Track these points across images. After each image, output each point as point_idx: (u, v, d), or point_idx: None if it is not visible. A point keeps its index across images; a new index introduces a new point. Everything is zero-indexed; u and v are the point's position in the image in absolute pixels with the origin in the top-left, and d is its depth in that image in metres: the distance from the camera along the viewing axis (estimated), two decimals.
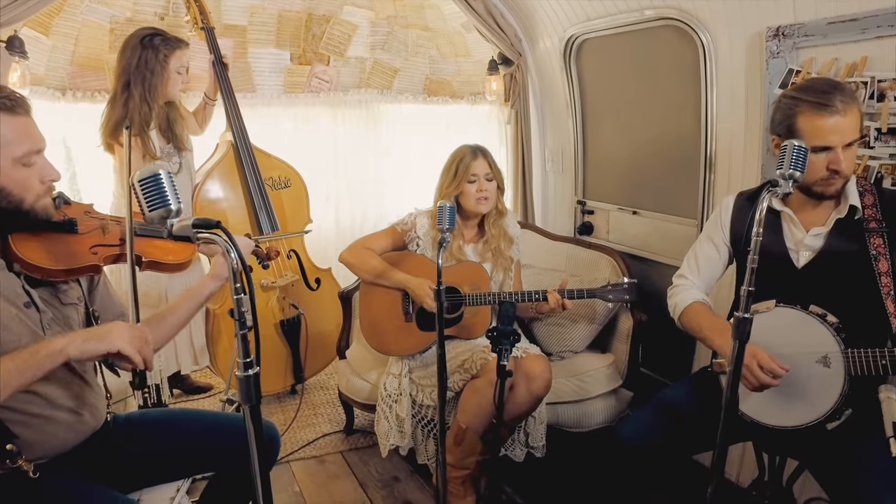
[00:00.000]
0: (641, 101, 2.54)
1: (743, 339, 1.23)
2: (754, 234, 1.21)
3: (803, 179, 1.27)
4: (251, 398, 1.00)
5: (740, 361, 1.25)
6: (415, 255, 2.19)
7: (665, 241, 2.47)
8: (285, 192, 2.87)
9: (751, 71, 1.94)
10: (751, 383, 1.42)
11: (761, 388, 1.42)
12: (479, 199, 2.11)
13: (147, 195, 0.96)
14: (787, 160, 1.25)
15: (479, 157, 2.12)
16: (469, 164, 2.11)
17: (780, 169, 1.27)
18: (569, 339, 2.33)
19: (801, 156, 1.25)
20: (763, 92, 1.90)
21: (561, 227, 3.11)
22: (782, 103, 1.50)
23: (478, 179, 2.11)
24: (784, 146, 1.26)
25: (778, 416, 1.45)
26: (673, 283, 1.73)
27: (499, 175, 2.16)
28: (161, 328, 1.46)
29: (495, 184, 2.15)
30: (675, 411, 1.56)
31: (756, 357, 1.41)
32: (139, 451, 1.40)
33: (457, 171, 2.12)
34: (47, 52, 2.56)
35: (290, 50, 3.22)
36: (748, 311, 1.22)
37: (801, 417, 1.42)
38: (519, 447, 2.14)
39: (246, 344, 0.98)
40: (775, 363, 1.41)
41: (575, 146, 2.91)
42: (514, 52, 2.97)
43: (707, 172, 2.20)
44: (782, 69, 1.81)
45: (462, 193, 2.13)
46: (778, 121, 1.50)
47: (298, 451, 2.46)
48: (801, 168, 1.25)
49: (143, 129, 2.21)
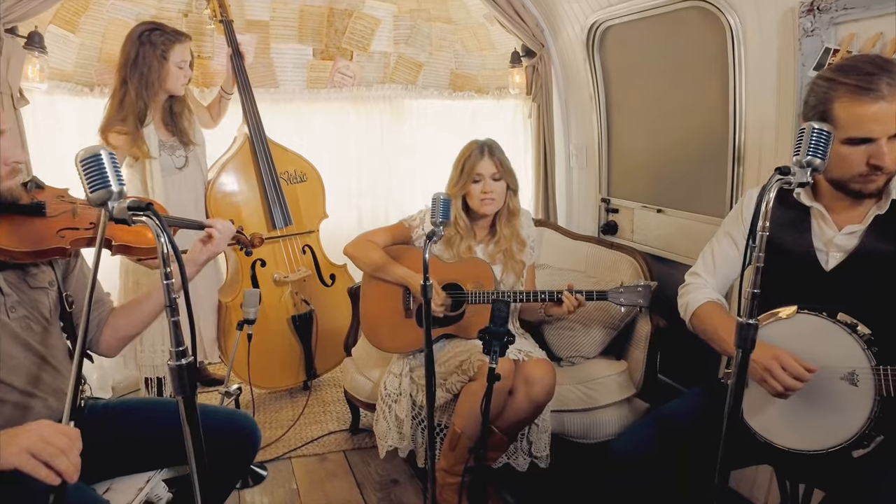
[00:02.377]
0: (666, 91, 2.37)
1: (746, 347, 1.08)
2: (759, 227, 1.05)
3: (824, 168, 1.10)
4: (185, 389, 0.94)
5: (743, 372, 1.10)
6: (418, 250, 2.12)
7: (689, 241, 2.28)
8: (300, 186, 2.85)
9: (783, 53, 1.76)
10: (772, 388, 1.25)
11: (785, 394, 1.25)
12: (484, 199, 2.01)
13: (88, 176, 0.92)
14: (804, 145, 1.08)
15: (484, 156, 2.01)
16: (475, 163, 2.00)
17: (796, 155, 1.11)
18: (580, 343, 2.19)
19: (822, 140, 1.08)
20: (796, 76, 1.71)
21: (585, 226, 2.96)
22: (816, 86, 1.31)
23: (483, 179, 2.01)
24: (802, 129, 1.10)
25: (793, 438, 1.27)
26: (685, 282, 1.57)
27: (508, 175, 2.04)
28: (136, 314, 1.45)
29: (503, 184, 2.03)
30: (677, 424, 1.41)
31: (778, 358, 1.25)
32: (111, 440, 1.38)
33: (463, 168, 2.03)
34: (75, 49, 2.65)
35: (313, 45, 3.21)
36: (753, 317, 1.07)
37: (821, 441, 1.25)
38: (522, 456, 2.02)
39: (178, 331, 0.92)
40: (800, 363, 1.24)
41: (599, 140, 2.75)
42: (537, 43, 2.84)
43: (735, 166, 2.01)
44: (817, 48, 1.62)
45: (468, 193, 2.04)
46: (811, 105, 1.31)
47: (301, 447, 2.42)
48: (822, 154, 1.08)
49: (137, 126, 2.22)
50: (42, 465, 0.92)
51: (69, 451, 0.95)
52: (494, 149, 2.04)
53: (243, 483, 2.18)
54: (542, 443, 1.99)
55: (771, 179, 1.06)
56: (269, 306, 2.74)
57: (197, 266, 1.47)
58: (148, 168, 2.25)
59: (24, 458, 0.91)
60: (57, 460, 0.93)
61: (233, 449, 1.50)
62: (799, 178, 1.09)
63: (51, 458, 0.93)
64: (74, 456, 0.96)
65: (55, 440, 0.94)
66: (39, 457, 0.92)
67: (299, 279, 2.77)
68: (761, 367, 1.26)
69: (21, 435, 0.94)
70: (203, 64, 3.01)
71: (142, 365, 2.44)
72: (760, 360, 1.26)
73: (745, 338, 1.07)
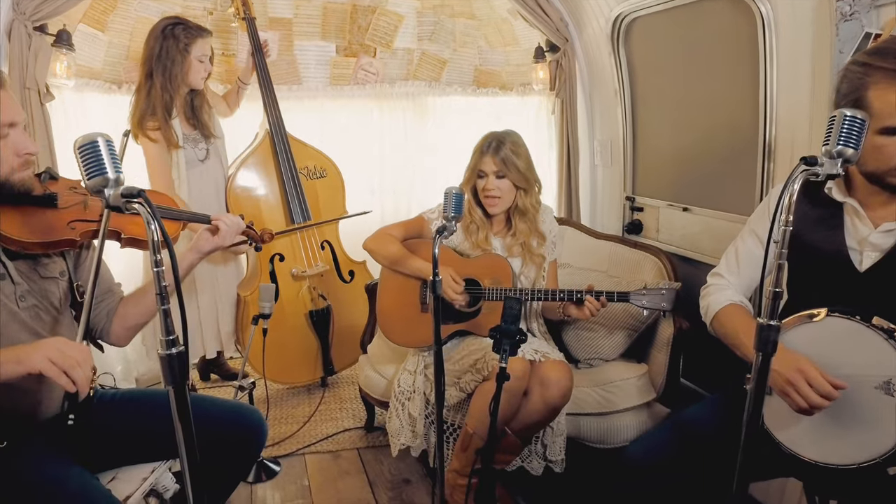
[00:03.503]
0: (693, 84, 2.28)
1: (767, 350, 1.01)
2: (782, 221, 0.98)
3: (856, 159, 1.02)
4: (175, 379, 0.93)
5: (764, 377, 1.03)
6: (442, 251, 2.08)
7: (716, 241, 2.18)
8: (320, 182, 2.85)
9: (818, 39, 1.65)
10: (796, 403, 1.17)
11: (810, 411, 1.17)
12: (486, 197, 1.96)
13: (85, 163, 0.92)
14: (835, 133, 1.01)
15: (489, 152, 1.94)
16: (479, 158, 1.96)
17: (825, 144, 1.03)
18: (599, 345, 2.12)
19: (854, 128, 1.00)
20: (832, 65, 1.60)
21: (609, 225, 2.88)
22: (850, 71, 1.22)
23: (486, 176, 1.96)
24: (833, 116, 1.02)
25: (821, 450, 1.19)
26: (707, 283, 1.49)
27: (514, 173, 1.95)
28: (144, 302, 1.45)
29: (507, 182, 1.97)
30: (695, 431, 1.33)
31: (804, 373, 1.16)
32: (119, 429, 1.39)
33: (470, 164, 2.00)
34: (104, 47, 2.71)
35: (336, 42, 3.21)
36: (774, 318, 1.00)
37: (852, 455, 1.15)
38: (536, 459, 1.97)
39: (167, 320, 0.91)
40: (828, 379, 1.15)
41: (624, 137, 2.67)
42: (561, 38, 2.78)
43: (765, 162, 1.91)
44: (856, 34, 1.52)
45: (475, 187, 2.00)
46: (844, 92, 1.22)
47: (316, 444, 2.42)
48: (855, 144, 1.00)
49: (166, 118, 2.26)
50: (62, 373, 1.04)
51: (83, 364, 1.07)
52: (503, 144, 1.95)
53: (256, 477, 2.18)
54: (558, 447, 1.93)
55: (795, 170, 0.98)
56: (287, 301, 2.75)
57: (200, 254, 1.48)
58: (175, 159, 2.29)
59: (47, 365, 1.03)
60: (73, 371, 1.05)
61: (239, 442, 1.49)
62: (828, 170, 1.01)
63: (69, 369, 1.05)
64: (87, 370, 1.08)
65: (72, 352, 1.07)
66: (59, 365, 1.04)
67: (317, 274, 2.78)
68: (784, 380, 1.17)
69: (42, 346, 1.06)
70: (227, 61, 3.05)
71: None
72: (783, 371, 1.17)
73: (766, 340, 1.00)
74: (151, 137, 2.25)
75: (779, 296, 0.99)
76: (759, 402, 1.04)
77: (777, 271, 0.99)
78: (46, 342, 1.08)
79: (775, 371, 1.18)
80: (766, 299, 0.99)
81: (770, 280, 1.01)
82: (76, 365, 1.06)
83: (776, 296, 0.99)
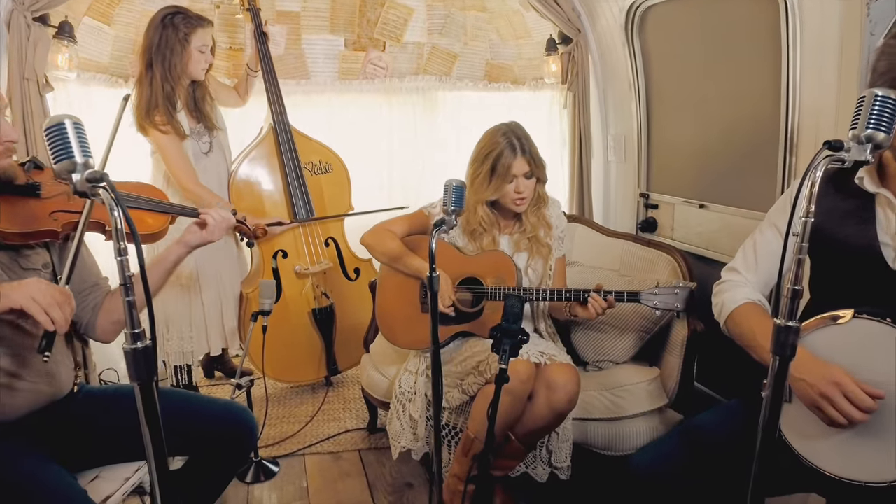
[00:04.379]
0: (710, 75, 2.17)
1: (785, 354, 0.92)
2: (803, 212, 0.89)
3: (888, 144, 0.93)
4: (141, 374, 0.87)
5: (781, 384, 0.94)
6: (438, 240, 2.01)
7: (734, 239, 2.07)
8: (325, 177, 2.80)
9: (847, 21, 1.54)
10: (831, 418, 1.06)
11: (845, 426, 1.06)
12: (517, 199, 1.88)
13: (52, 146, 0.88)
14: (864, 115, 0.92)
15: (517, 153, 1.83)
16: (509, 163, 1.83)
17: (853, 128, 0.94)
18: (609, 347, 2.02)
19: (887, 110, 0.91)
20: (862, 48, 1.50)
21: (622, 223, 2.78)
22: (889, 47, 1.11)
23: (516, 179, 1.86)
24: (862, 97, 0.93)
25: (846, 465, 1.09)
26: (721, 279, 1.39)
27: (540, 168, 1.89)
28: None
29: (534, 179, 1.89)
30: (707, 439, 1.24)
31: (840, 385, 1.06)
32: (103, 426, 1.35)
33: (494, 169, 1.84)
34: (110, 41, 2.69)
35: (345, 36, 3.16)
36: (793, 318, 0.91)
37: (881, 472, 1.05)
38: (541, 466, 1.88)
39: (132, 312, 0.85)
40: (866, 390, 1.05)
41: (638, 131, 2.57)
42: (573, 29, 2.69)
43: (787, 156, 1.80)
44: (888, 14, 1.41)
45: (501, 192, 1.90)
46: (881, 71, 1.10)
47: (317, 444, 2.36)
48: (887, 128, 0.91)
49: (169, 109, 2.21)
50: (42, 310, 1.06)
51: (63, 305, 1.08)
52: (525, 142, 1.86)
53: (254, 478, 2.14)
54: (563, 453, 1.84)
55: (818, 156, 0.89)
56: (290, 299, 2.70)
57: (188, 248, 1.43)
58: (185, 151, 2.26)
59: (29, 301, 1.05)
60: (53, 310, 1.06)
61: (228, 441, 1.45)
62: (855, 156, 0.92)
63: (48, 307, 1.06)
64: (67, 310, 1.09)
65: (53, 293, 1.08)
66: (40, 303, 1.06)
67: (321, 272, 2.72)
68: (817, 393, 1.07)
69: (24, 284, 1.08)
70: (235, 55, 3.01)
71: (169, 353, 2.45)
72: (816, 383, 1.07)
73: (784, 343, 0.91)
74: (162, 130, 2.21)
75: (798, 294, 0.90)
76: (775, 409, 0.95)
77: (797, 267, 0.90)
78: (28, 282, 1.09)
79: (805, 383, 1.08)
80: (784, 298, 0.91)
81: (789, 277, 0.92)
82: (55, 304, 1.07)
83: (795, 294, 0.90)
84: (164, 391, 1.53)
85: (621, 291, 1.77)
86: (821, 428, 1.08)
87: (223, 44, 2.99)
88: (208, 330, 2.49)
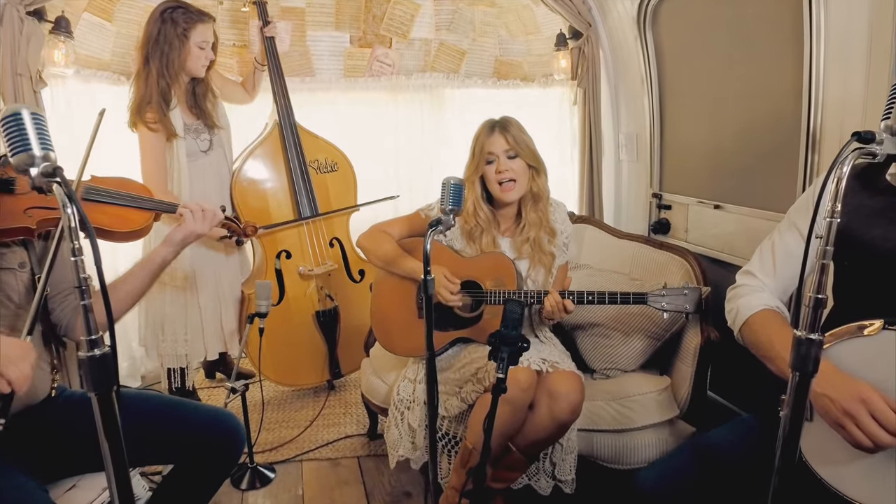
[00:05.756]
0: (727, 70, 2.07)
1: (806, 369, 0.83)
2: (827, 211, 0.80)
3: None
4: (98, 384, 0.81)
5: (801, 401, 0.84)
6: (435, 242, 1.94)
7: (752, 242, 1.94)
8: (331, 176, 2.74)
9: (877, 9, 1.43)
10: (856, 440, 0.96)
11: (872, 448, 0.96)
12: (501, 181, 1.79)
13: (8, 137, 0.82)
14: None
15: (494, 132, 1.80)
16: (484, 141, 1.80)
17: (886, 118, 0.84)
18: (617, 354, 1.93)
19: None
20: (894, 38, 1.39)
21: (634, 225, 2.68)
22: None
23: (496, 159, 1.80)
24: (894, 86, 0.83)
25: (875, 491, 0.99)
26: (736, 283, 1.30)
27: (526, 152, 1.81)
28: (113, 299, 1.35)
29: (521, 162, 1.81)
30: (719, 457, 1.14)
31: (868, 402, 0.96)
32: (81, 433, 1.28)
33: (474, 150, 1.84)
34: (112, 37, 2.66)
35: (350, 32, 3.10)
36: (816, 329, 0.82)
37: None
38: (544, 478, 1.80)
39: (88, 317, 0.79)
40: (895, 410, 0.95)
41: (651, 129, 2.47)
42: (583, 23, 2.60)
43: (808, 154, 1.69)
44: None
45: (486, 178, 1.84)
46: None
47: (315, 450, 2.30)
48: None
49: (163, 107, 2.15)
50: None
51: (20, 361, 1.03)
52: (508, 125, 1.82)
53: (249, 484, 2.08)
54: (568, 465, 1.76)
55: (845, 149, 0.80)
56: (294, 300, 2.65)
57: (173, 246, 1.37)
58: (174, 151, 2.20)
59: None
60: (8, 369, 1.00)
61: (213, 448, 1.39)
62: (888, 149, 0.83)
63: (4, 368, 1.00)
64: (25, 367, 1.03)
65: (9, 351, 1.02)
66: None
67: (325, 273, 2.66)
68: (840, 410, 0.97)
69: None
70: (241, 52, 2.97)
71: (164, 355, 2.40)
72: (840, 399, 0.98)
73: (805, 357, 0.82)
74: (151, 127, 2.16)
75: (822, 303, 0.81)
76: (795, 429, 0.86)
77: (820, 274, 0.81)
78: None
79: (828, 399, 0.99)
80: (805, 307, 0.81)
81: (811, 283, 0.83)
82: (9, 363, 0.99)
83: (818, 303, 0.81)
84: (148, 396, 1.48)
85: (627, 293, 1.68)
86: (846, 450, 0.98)
87: (228, 40, 2.95)
88: (205, 333, 2.43)
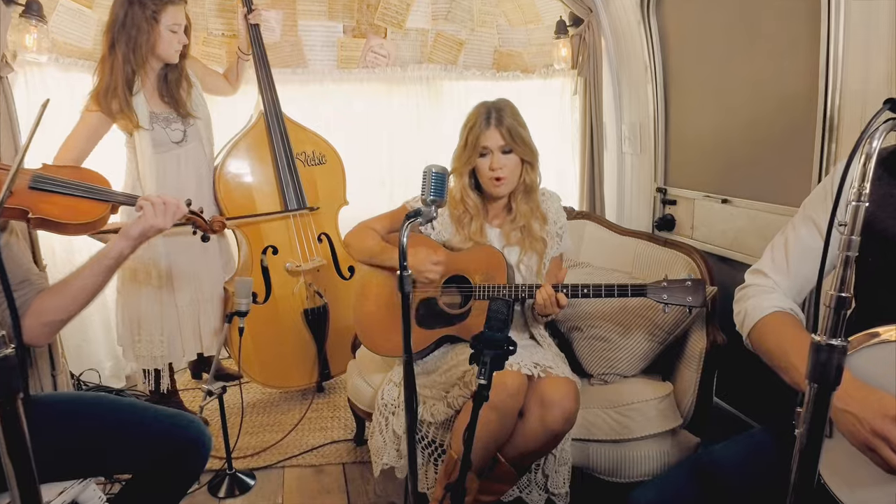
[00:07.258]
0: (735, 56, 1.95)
1: (827, 381, 0.71)
2: (853, 194, 0.68)
3: None
4: None
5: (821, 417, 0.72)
6: (422, 237, 1.83)
7: (762, 239, 1.83)
8: (319, 168, 2.64)
9: None
10: (887, 463, 0.84)
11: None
12: (493, 178, 1.68)
13: None
14: None
15: (490, 124, 1.68)
16: (479, 134, 1.68)
17: None
18: (616, 358, 1.81)
19: None
20: None
21: (637, 221, 2.56)
22: None
23: (490, 153, 1.68)
24: None
25: None
26: (745, 283, 1.17)
27: (521, 146, 1.70)
28: (63, 295, 1.25)
29: (515, 158, 1.70)
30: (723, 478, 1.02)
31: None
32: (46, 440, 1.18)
33: (467, 140, 1.71)
34: (93, 25, 2.56)
35: (344, 22, 3.01)
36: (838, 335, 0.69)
37: None
38: (537, 491, 1.68)
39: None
40: None
41: (655, 120, 2.35)
42: (584, 8, 2.48)
43: (825, 143, 1.56)
44: None
45: (476, 169, 1.73)
46: None
47: (298, 456, 2.19)
48: None
49: (127, 96, 2.01)
50: None
51: None
52: (504, 115, 1.69)
53: (228, 492, 1.97)
54: (561, 477, 1.63)
55: (875, 119, 0.67)
56: (281, 298, 2.54)
57: (130, 240, 1.26)
58: (137, 143, 2.08)
59: None
60: None
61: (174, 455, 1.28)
62: None
63: None
64: None
65: None
66: None
67: (313, 269, 2.56)
68: (870, 431, 0.85)
69: None
70: (230, 43, 2.87)
71: (139, 356, 2.29)
72: (867, 418, 0.85)
73: (824, 366, 0.70)
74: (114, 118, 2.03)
75: (845, 303, 0.69)
76: (813, 448, 0.73)
77: (844, 268, 0.69)
78: None
79: (852, 417, 0.86)
80: (825, 307, 0.69)
81: (832, 281, 0.71)
82: None
83: (841, 303, 0.68)
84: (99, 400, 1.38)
85: (625, 286, 1.56)
86: (874, 473, 0.86)
87: (217, 30, 2.86)
88: (182, 334, 2.32)
